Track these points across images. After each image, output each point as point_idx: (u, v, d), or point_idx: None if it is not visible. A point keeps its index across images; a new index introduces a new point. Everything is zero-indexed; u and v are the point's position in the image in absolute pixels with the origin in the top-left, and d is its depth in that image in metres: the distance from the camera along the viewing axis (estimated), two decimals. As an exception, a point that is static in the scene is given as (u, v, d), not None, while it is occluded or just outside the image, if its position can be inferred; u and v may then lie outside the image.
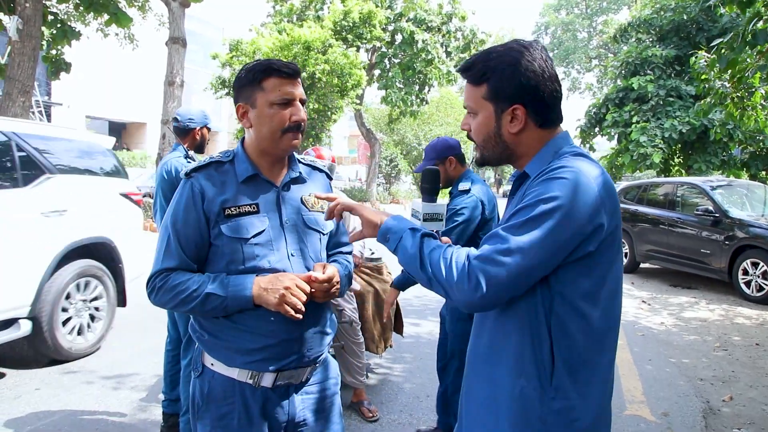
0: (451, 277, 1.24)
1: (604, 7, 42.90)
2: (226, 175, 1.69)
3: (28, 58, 9.79)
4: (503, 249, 1.22)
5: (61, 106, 25.01)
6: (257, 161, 1.72)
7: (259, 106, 1.67)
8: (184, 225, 1.65)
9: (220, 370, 1.67)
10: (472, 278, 1.21)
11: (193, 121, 3.45)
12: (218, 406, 1.66)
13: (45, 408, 3.71)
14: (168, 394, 3.47)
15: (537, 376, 1.28)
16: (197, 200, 1.65)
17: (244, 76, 1.69)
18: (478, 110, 1.39)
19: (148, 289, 1.68)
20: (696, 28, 15.79)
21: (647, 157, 14.25)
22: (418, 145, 30.53)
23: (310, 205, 1.78)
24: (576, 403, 1.28)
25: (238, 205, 1.65)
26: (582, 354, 1.29)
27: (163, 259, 1.66)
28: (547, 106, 1.36)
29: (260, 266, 1.65)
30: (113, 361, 4.63)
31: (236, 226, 1.64)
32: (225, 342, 1.66)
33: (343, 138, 43.34)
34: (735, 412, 4.06)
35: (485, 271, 1.21)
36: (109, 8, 11.15)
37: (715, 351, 5.48)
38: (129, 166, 24.15)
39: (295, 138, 1.70)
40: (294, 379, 1.70)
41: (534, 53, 1.34)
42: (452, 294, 1.24)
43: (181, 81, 12.72)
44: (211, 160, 1.72)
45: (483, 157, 1.45)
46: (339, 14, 18.85)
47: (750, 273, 7.65)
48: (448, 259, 1.26)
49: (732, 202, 8.51)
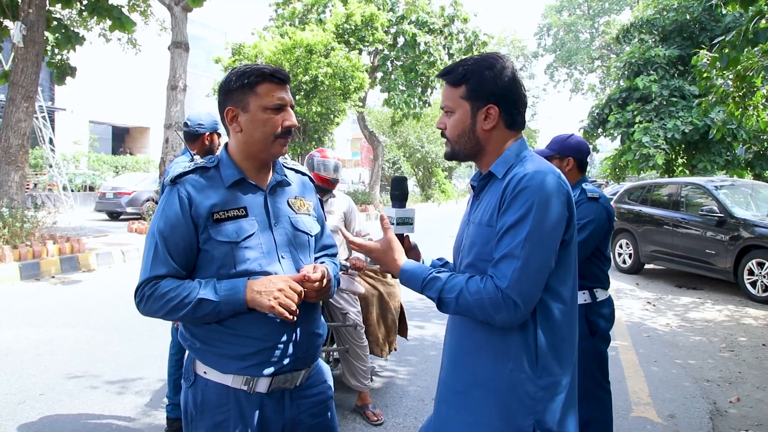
0: (490, 308, 1.41)
1: (606, 8, 42.85)
2: (212, 181, 1.69)
3: (31, 63, 9.83)
4: (521, 267, 1.39)
5: (65, 112, 25.12)
6: (243, 166, 1.72)
7: (252, 110, 1.66)
8: (172, 232, 1.63)
9: (214, 377, 1.65)
10: (509, 302, 1.39)
11: (203, 127, 3.45)
12: (213, 415, 1.65)
13: (49, 413, 3.71)
14: (172, 398, 3.46)
15: (525, 359, 1.46)
16: (184, 206, 1.63)
17: (235, 80, 1.68)
18: (455, 109, 1.57)
19: (137, 298, 1.64)
20: (699, 28, 15.77)
21: (650, 157, 14.22)
22: (421, 147, 30.53)
23: (296, 207, 1.79)
24: (559, 377, 1.48)
25: (226, 210, 1.65)
26: (562, 331, 1.49)
27: (152, 267, 1.63)
28: (516, 109, 1.55)
29: (252, 269, 1.64)
30: (118, 365, 4.63)
31: (226, 230, 1.63)
32: (218, 348, 1.65)
33: (346, 141, 43.40)
34: (742, 413, 4.03)
35: (517, 291, 1.39)
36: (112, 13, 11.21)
37: (721, 352, 5.45)
38: (132, 170, 24.24)
39: (285, 144, 1.72)
40: (289, 383, 1.70)
41: (506, 63, 1.55)
42: (495, 321, 1.43)
43: (183, 85, 12.74)
44: (195, 166, 1.71)
45: (453, 152, 1.62)
46: (341, 17, 18.86)
47: (756, 273, 7.62)
48: (482, 297, 1.42)
49: (736, 201, 8.47)
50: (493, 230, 1.47)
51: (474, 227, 1.57)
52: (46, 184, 19.74)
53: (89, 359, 4.76)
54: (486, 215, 1.52)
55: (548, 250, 1.41)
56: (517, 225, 1.41)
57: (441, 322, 6.27)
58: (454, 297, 1.45)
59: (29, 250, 8.48)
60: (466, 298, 1.43)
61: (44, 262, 8.41)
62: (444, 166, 32.65)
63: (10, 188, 9.83)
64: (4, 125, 9.90)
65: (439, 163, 31.74)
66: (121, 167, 24.87)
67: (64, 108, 24.92)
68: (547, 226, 1.40)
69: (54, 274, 8.42)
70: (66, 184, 17.89)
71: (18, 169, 9.97)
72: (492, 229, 1.48)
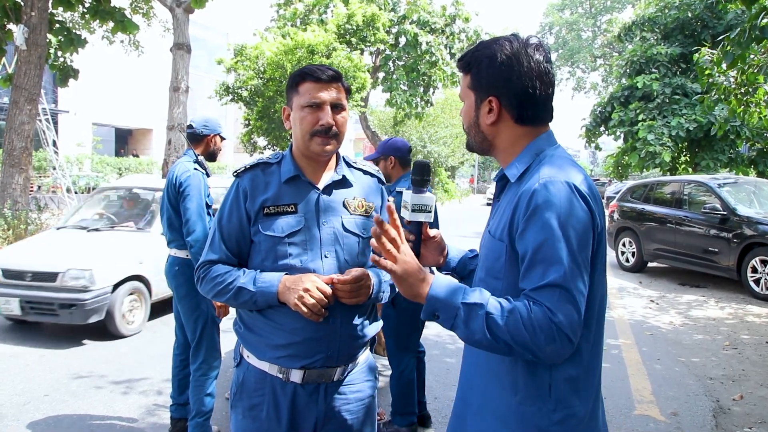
0: (541, 345, 1.19)
1: (608, 6, 42.78)
2: (271, 176, 1.77)
3: (34, 66, 9.86)
4: (569, 297, 1.20)
5: (68, 114, 25.18)
6: (300, 163, 1.79)
7: (294, 108, 1.75)
8: (228, 222, 1.75)
9: (254, 362, 1.74)
10: (563, 337, 1.19)
11: (207, 128, 3.48)
12: (250, 397, 1.73)
13: (54, 414, 3.73)
14: (176, 398, 3.48)
15: (535, 392, 1.28)
16: (240, 199, 1.74)
17: (289, 80, 1.78)
18: (464, 98, 1.44)
19: (195, 278, 1.80)
20: (701, 26, 15.75)
21: (656, 155, 14.19)
22: (423, 147, 30.53)
23: (352, 208, 1.80)
24: (578, 409, 1.29)
25: (277, 205, 1.72)
26: (584, 362, 1.30)
27: (207, 252, 1.78)
28: (521, 101, 1.35)
29: (292, 265, 1.69)
30: (122, 366, 4.65)
31: (273, 224, 1.71)
32: (257, 335, 1.73)
33: (349, 141, 43.40)
34: (745, 411, 4.03)
35: (570, 324, 1.19)
36: (115, 16, 11.25)
37: (724, 350, 5.45)
38: (135, 172, 24.29)
39: (326, 143, 1.73)
40: (324, 378, 1.72)
41: (518, 47, 1.34)
42: (542, 356, 1.21)
43: (186, 87, 12.77)
44: (259, 161, 1.81)
45: (468, 144, 1.49)
46: (342, 18, 18.87)
47: (759, 271, 7.59)
48: (533, 331, 1.19)
49: (740, 199, 8.44)
50: (504, 245, 1.32)
51: (488, 238, 1.41)
52: (50, 187, 19.80)
53: (93, 360, 4.78)
54: (499, 227, 1.35)
55: (585, 270, 1.23)
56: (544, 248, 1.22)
57: (444, 321, 6.27)
58: (502, 331, 1.21)
59: (33, 252, 8.49)
60: (517, 336, 1.20)
61: (48, 263, 8.42)
62: (447, 166, 32.63)
63: (14, 190, 9.88)
64: (7, 128, 9.94)
65: (442, 163, 31.73)
66: (125, 169, 24.93)
67: (67, 110, 24.97)
68: (574, 244, 1.22)
69: (58, 276, 8.43)
70: (69, 186, 17.91)
71: (22, 172, 10.01)
72: (503, 243, 1.32)
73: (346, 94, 1.80)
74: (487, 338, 1.22)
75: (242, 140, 18.67)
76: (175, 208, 3.28)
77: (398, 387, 3.45)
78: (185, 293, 3.30)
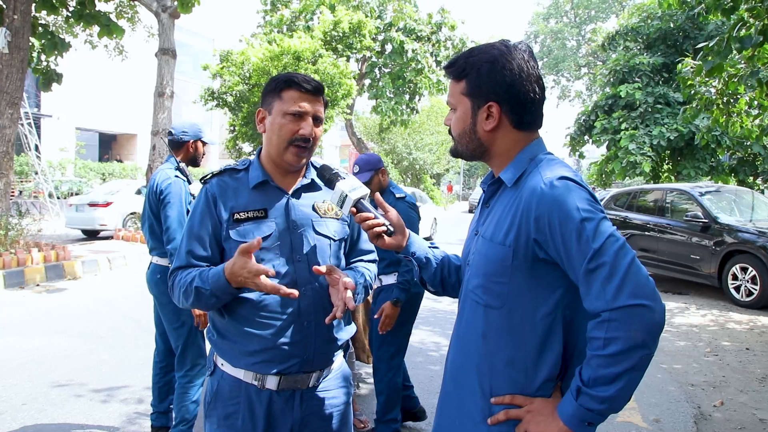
0: (639, 335, 1.28)
1: (592, 16, 43.28)
2: (239, 182, 1.76)
3: (16, 69, 9.75)
4: (618, 271, 1.21)
5: (51, 118, 24.92)
6: (269, 169, 1.77)
7: (274, 113, 1.73)
8: (200, 228, 1.73)
9: (228, 370, 1.71)
10: (635, 313, 1.23)
11: (187, 134, 3.46)
12: (225, 405, 1.71)
13: (32, 423, 3.66)
14: (156, 406, 3.44)
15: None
16: (210, 205, 1.73)
17: (269, 83, 1.76)
18: (457, 105, 1.43)
19: (168, 288, 1.77)
20: (682, 36, 15.99)
21: (637, 165, 14.35)
22: (409, 154, 30.63)
23: (322, 212, 1.79)
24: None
25: (246, 210, 1.71)
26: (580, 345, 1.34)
27: (176, 260, 1.76)
28: (522, 107, 1.37)
29: None
30: (102, 374, 4.59)
31: (243, 230, 1.69)
32: (231, 342, 1.70)
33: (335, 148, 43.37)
34: (726, 417, 4.07)
35: (632, 293, 1.21)
36: (100, 20, 11.16)
37: (705, 356, 5.50)
38: (119, 177, 24.05)
39: (301, 153, 1.73)
40: (300, 384, 1.71)
41: (514, 53, 1.36)
42: (651, 342, 1.31)
43: (171, 92, 12.69)
44: (226, 168, 1.80)
45: (457, 151, 1.48)
46: (329, 24, 18.91)
47: (739, 278, 7.70)
48: (614, 349, 1.26)
49: (721, 207, 8.56)
50: (510, 249, 1.32)
51: (485, 243, 1.40)
52: (32, 192, 19.54)
53: (74, 368, 4.71)
54: (500, 233, 1.35)
55: (621, 237, 1.24)
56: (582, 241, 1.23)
57: (427, 328, 6.27)
58: (604, 380, 1.27)
59: (13, 258, 8.39)
60: (615, 372, 1.28)
61: (29, 270, 8.33)
62: (432, 173, 32.74)
63: (-6, 196, 9.73)
64: (-12, 132, 9.80)
65: (427, 170, 31.83)
66: (108, 174, 24.69)
67: (50, 114, 24.70)
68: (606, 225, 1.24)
69: (39, 282, 8.33)
70: (52, 191, 17.71)
71: (2, 176, 9.87)
72: (507, 248, 1.32)
73: (325, 107, 1.80)
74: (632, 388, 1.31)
75: (227, 146, 18.61)
76: (156, 216, 3.25)
77: (386, 392, 3.44)
78: (168, 300, 3.26)
